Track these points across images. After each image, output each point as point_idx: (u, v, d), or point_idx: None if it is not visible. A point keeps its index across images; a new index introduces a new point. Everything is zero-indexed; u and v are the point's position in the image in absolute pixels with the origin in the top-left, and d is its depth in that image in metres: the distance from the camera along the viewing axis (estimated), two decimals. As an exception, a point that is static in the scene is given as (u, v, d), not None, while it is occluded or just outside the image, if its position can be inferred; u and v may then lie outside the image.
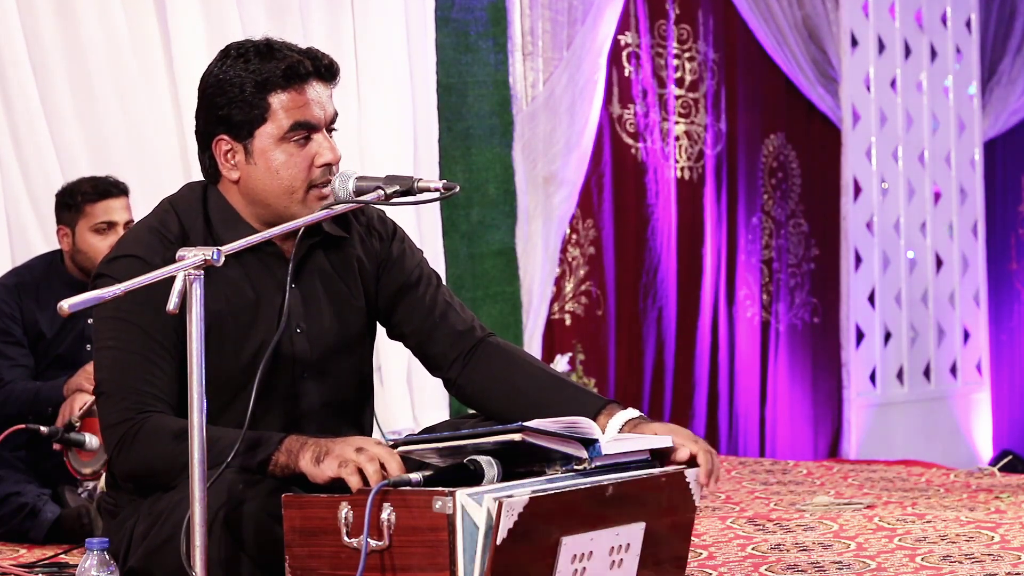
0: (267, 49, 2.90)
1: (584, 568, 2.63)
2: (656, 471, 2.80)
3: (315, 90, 2.91)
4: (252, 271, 2.96)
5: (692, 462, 2.86)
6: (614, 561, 2.69)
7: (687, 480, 2.82)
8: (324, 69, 2.93)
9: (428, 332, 3.08)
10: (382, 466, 2.63)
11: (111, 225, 4.43)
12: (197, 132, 2.97)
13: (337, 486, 2.68)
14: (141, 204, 4.53)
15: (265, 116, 2.89)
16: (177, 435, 2.71)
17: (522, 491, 2.56)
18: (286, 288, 2.93)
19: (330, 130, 2.95)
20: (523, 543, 2.52)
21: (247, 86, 2.88)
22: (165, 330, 2.81)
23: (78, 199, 4.47)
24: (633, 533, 2.72)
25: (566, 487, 2.62)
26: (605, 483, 2.67)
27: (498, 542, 2.48)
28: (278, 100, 2.89)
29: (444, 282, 3.21)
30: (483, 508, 2.51)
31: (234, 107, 2.89)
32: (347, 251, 3.06)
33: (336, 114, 2.97)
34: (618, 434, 2.87)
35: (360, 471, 2.62)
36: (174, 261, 2.59)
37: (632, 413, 2.93)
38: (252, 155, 2.92)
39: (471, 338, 3.08)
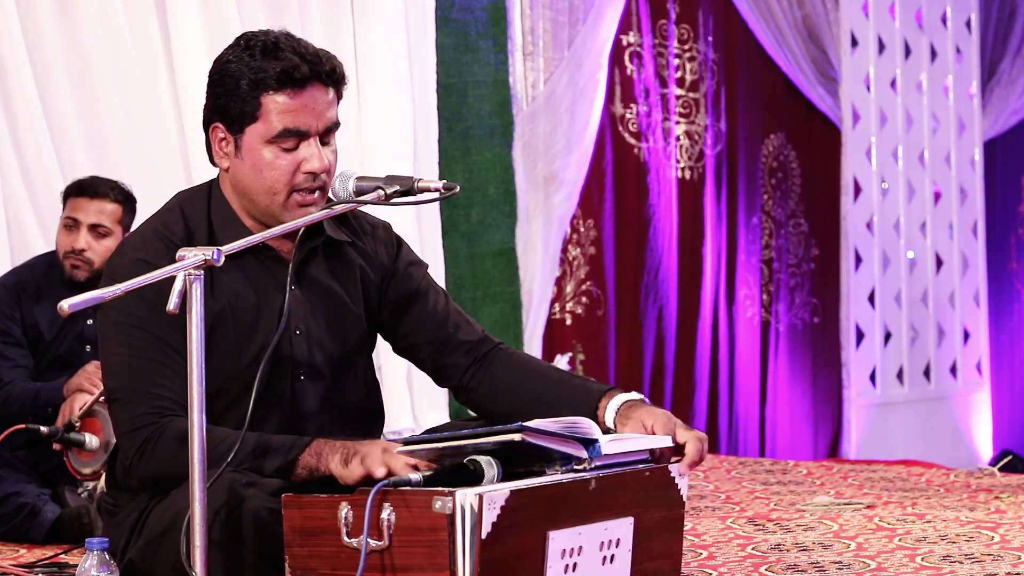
0: (273, 47, 2.89)
1: (576, 563, 2.64)
2: (640, 466, 2.80)
3: (311, 95, 2.89)
4: (253, 273, 2.96)
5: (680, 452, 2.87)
6: (605, 557, 2.70)
7: (672, 475, 2.83)
8: (325, 75, 2.90)
9: (442, 344, 3.09)
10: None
11: (76, 223, 4.42)
12: (202, 115, 2.98)
13: (339, 486, 2.69)
14: (141, 204, 4.53)
15: (256, 115, 2.89)
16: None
17: (502, 485, 2.57)
18: (286, 290, 2.93)
19: (325, 138, 2.93)
20: (509, 538, 2.53)
21: (243, 81, 2.88)
22: (174, 332, 2.81)
23: (66, 192, 4.49)
24: (622, 528, 2.73)
25: (547, 481, 2.63)
26: (588, 477, 2.68)
27: (483, 536, 2.49)
28: (271, 101, 2.88)
29: (444, 283, 3.22)
30: (467, 503, 2.51)
31: (230, 99, 2.90)
32: (349, 257, 3.06)
33: (335, 122, 2.94)
34: (613, 418, 2.89)
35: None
36: None
37: (630, 396, 2.96)
38: (241, 149, 2.92)
39: (484, 347, 3.10)
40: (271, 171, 2.90)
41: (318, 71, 2.89)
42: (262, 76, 2.86)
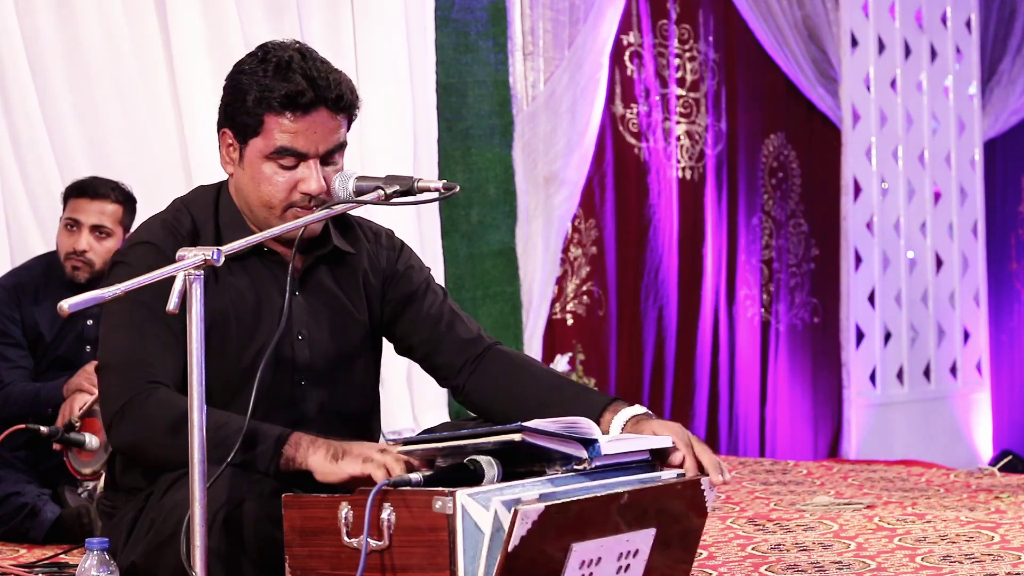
0: (285, 66, 2.89)
1: (591, 573, 2.63)
2: (673, 478, 2.79)
3: (314, 120, 2.90)
4: (258, 277, 2.98)
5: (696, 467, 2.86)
6: (621, 567, 2.69)
7: (703, 488, 2.82)
8: (331, 101, 2.91)
9: (436, 342, 3.10)
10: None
11: (77, 224, 4.41)
12: (217, 115, 3.00)
13: (340, 486, 2.69)
14: (141, 205, 4.53)
15: (258, 130, 2.91)
16: (183, 417, 2.62)
17: (530, 494, 2.56)
18: (289, 292, 2.93)
19: (329, 159, 2.93)
20: (534, 550, 2.52)
21: (250, 96, 2.90)
22: (176, 319, 2.81)
23: (66, 192, 4.48)
24: (643, 539, 2.72)
25: (580, 495, 2.61)
26: (620, 491, 2.66)
27: (510, 549, 2.48)
28: (273, 120, 2.90)
29: (444, 283, 3.22)
30: (489, 512, 2.51)
31: (237, 109, 2.93)
32: (353, 265, 3.08)
33: (340, 144, 2.95)
34: (619, 433, 2.88)
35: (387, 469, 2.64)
36: None
37: (637, 410, 2.93)
38: (244, 159, 2.95)
39: (478, 346, 3.10)
40: (268, 186, 2.92)
41: (324, 97, 2.90)
42: (267, 95, 2.88)
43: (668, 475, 2.81)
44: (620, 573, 2.69)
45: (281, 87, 2.87)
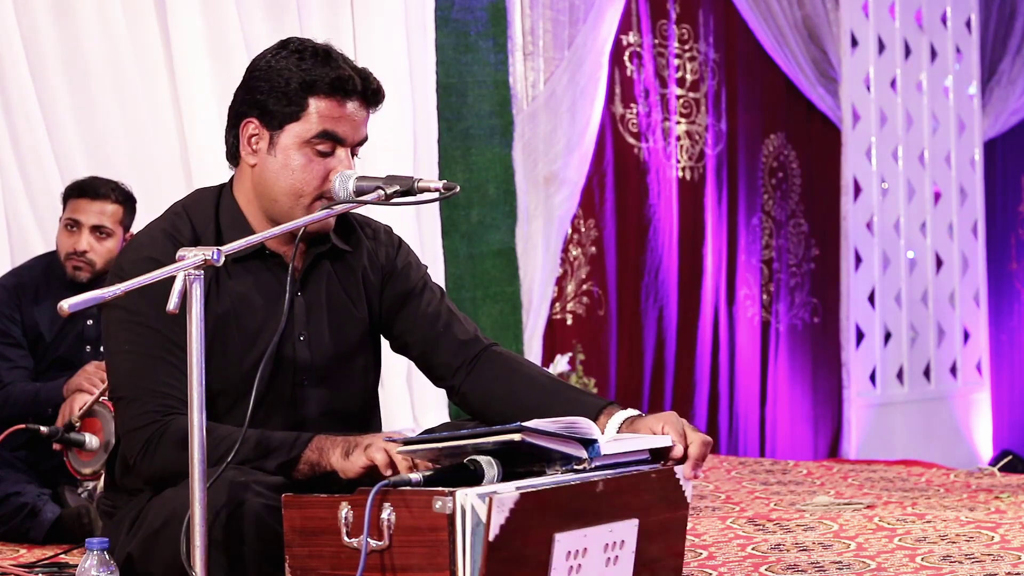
0: (325, 54, 2.95)
1: (580, 565, 2.64)
2: (646, 468, 2.80)
3: (354, 107, 2.95)
4: (260, 279, 2.98)
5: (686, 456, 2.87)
6: (609, 558, 2.70)
7: (677, 477, 2.83)
8: (371, 92, 2.97)
9: (432, 341, 3.10)
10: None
11: (77, 224, 4.40)
12: (230, 109, 3.01)
13: (342, 485, 2.69)
14: (140, 205, 4.53)
15: (299, 115, 2.92)
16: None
17: (511, 487, 2.57)
18: (289, 293, 2.93)
19: (354, 152, 2.97)
20: (516, 539, 2.53)
21: (293, 81, 2.91)
22: (179, 331, 2.80)
23: (66, 193, 4.48)
24: (627, 530, 2.72)
25: (556, 483, 2.63)
26: (595, 479, 2.68)
27: (490, 538, 2.49)
28: (316, 104, 2.92)
29: (444, 283, 3.23)
30: (469, 503, 2.51)
31: (274, 96, 2.93)
32: (353, 263, 3.08)
33: (366, 138, 3.00)
34: (617, 434, 2.88)
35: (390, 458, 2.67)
36: None
37: (632, 413, 2.94)
38: (275, 147, 2.94)
39: (475, 347, 3.09)
40: (302, 172, 2.93)
41: (366, 87, 2.97)
42: (314, 79, 2.91)
43: (646, 466, 2.81)
44: (609, 565, 2.70)
45: (329, 72, 2.92)
